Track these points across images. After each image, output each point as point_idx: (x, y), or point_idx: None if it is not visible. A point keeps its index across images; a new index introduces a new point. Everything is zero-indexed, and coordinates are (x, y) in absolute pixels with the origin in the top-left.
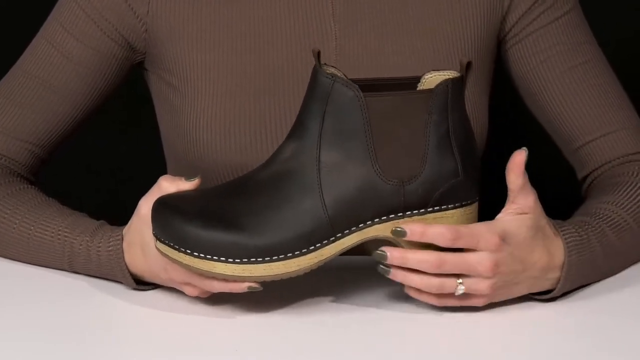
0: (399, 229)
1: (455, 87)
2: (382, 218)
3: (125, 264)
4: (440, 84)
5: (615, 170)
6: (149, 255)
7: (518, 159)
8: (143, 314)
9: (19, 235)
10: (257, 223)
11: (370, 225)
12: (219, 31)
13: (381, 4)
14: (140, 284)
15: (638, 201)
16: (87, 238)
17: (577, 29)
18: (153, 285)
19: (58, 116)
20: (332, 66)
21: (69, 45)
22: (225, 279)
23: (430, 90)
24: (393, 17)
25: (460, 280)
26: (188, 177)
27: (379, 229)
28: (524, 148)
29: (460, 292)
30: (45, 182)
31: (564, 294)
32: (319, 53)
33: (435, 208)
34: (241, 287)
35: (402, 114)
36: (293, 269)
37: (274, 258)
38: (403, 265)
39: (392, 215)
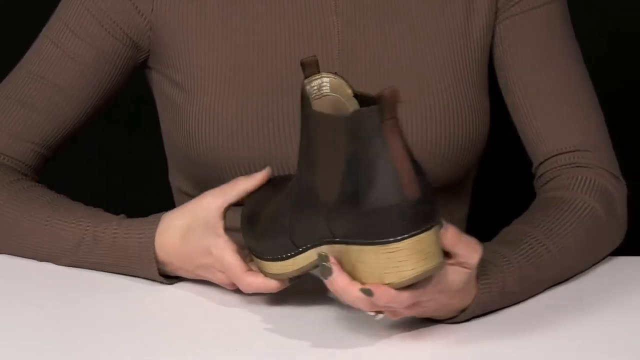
0: (366, 289)
1: (367, 119)
2: (325, 240)
3: (154, 247)
4: (350, 114)
5: (558, 179)
6: (191, 238)
7: (450, 235)
8: (143, 314)
9: (35, 226)
10: (270, 228)
11: (319, 245)
12: (222, 29)
13: (384, 0)
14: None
15: (566, 228)
16: (114, 223)
17: (555, 21)
18: (170, 280)
19: (63, 116)
20: (332, 73)
21: (73, 45)
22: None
23: (345, 117)
24: (395, 13)
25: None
26: (191, 174)
27: (327, 250)
28: (447, 226)
29: (379, 318)
30: (42, 181)
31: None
32: (315, 63)
33: (356, 241)
34: (276, 286)
35: (333, 137)
36: (278, 271)
37: (271, 257)
38: (339, 293)
39: (330, 239)
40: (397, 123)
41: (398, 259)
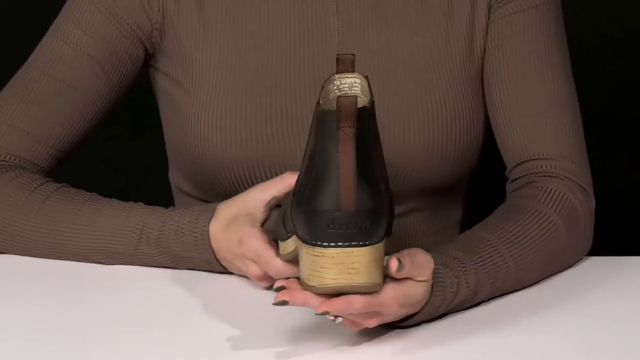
0: (323, 312)
1: (326, 120)
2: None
3: (209, 234)
4: (316, 111)
5: (527, 188)
6: (231, 229)
7: (406, 270)
8: (142, 315)
9: (81, 222)
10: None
11: (293, 235)
12: (223, 29)
13: (384, 1)
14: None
15: (525, 240)
16: (170, 214)
17: (543, 25)
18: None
19: (79, 117)
20: (364, 75)
21: (85, 44)
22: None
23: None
24: (396, 15)
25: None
26: (190, 174)
27: (294, 240)
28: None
29: (338, 322)
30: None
31: None
32: (352, 61)
33: (300, 236)
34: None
35: (311, 131)
36: (281, 252)
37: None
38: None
39: (294, 230)
40: (353, 133)
41: (321, 265)
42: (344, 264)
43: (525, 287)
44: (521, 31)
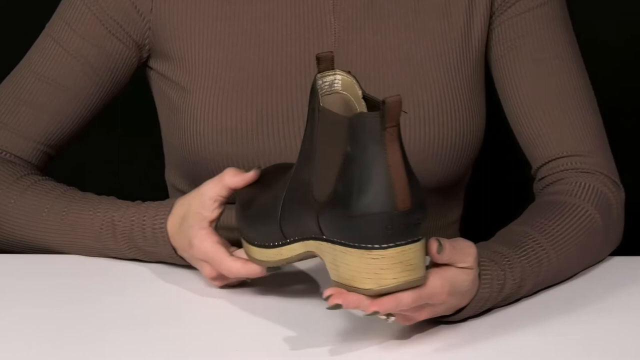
0: (373, 312)
1: (369, 123)
2: (313, 236)
3: (167, 230)
4: (353, 116)
5: (559, 184)
6: (182, 229)
7: (447, 253)
8: (142, 315)
9: (52, 218)
10: (262, 215)
11: (308, 239)
12: (220, 27)
13: (382, 0)
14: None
15: (565, 233)
16: (133, 210)
17: (552, 22)
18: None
19: (67, 115)
20: (346, 72)
21: (75, 44)
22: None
23: (348, 119)
24: (392, 13)
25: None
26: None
27: (313, 246)
28: (444, 245)
29: (391, 320)
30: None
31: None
32: (330, 59)
33: (341, 242)
34: (257, 270)
35: (335, 136)
36: (262, 258)
37: (259, 244)
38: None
39: (318, 237)
40: (398, 132)
41: (380, 267)
42: (402, 262)
43: (561, 282)
44: (533, 30)
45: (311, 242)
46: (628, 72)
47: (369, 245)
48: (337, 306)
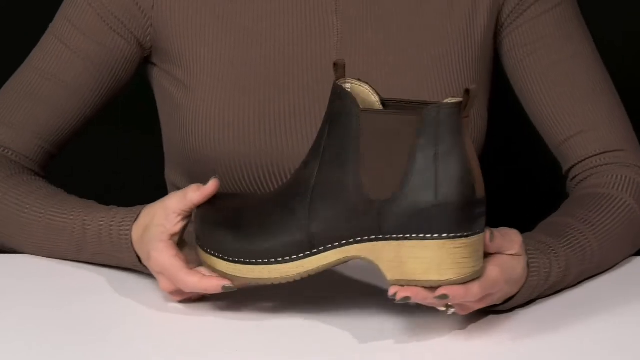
0: (443, 295)
1: (448, 113)
2: (364, 238)
3: (132, 237)
4: (430, 108)
5: (594, 178)
6: (144, 239)
7: (498, 240)
8: (142, 315)
9: (29, 218)
10: (255, 227)
11: (351, 244)
12: (222, 25)
13: (384, 0)
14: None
15: (606, 223)
16: (103, 215)
17: (568, 22)
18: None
19: (68, 112)
20: (357, 79)
21: (77, 41)
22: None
23: (420, 113)
24: (395, 14)
25: (452, 310)
26: (187, 171)
27: (359, 249)
28: (493, 232)
29: (450, 312)
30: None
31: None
32: (343, 66)
33: (413, 236)
34: (214, 286)
35: (393, 134)
36: (274, 275)
37: (259, 261)
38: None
39: (373, 237)
40: (469, 122)
41: (463, 255)
42: (478, 250)
43: (603, 272)
44: (552, 32)
45: (356, 246)
46: (628, 72)
47: (452, 235)
48: (406, 298)
